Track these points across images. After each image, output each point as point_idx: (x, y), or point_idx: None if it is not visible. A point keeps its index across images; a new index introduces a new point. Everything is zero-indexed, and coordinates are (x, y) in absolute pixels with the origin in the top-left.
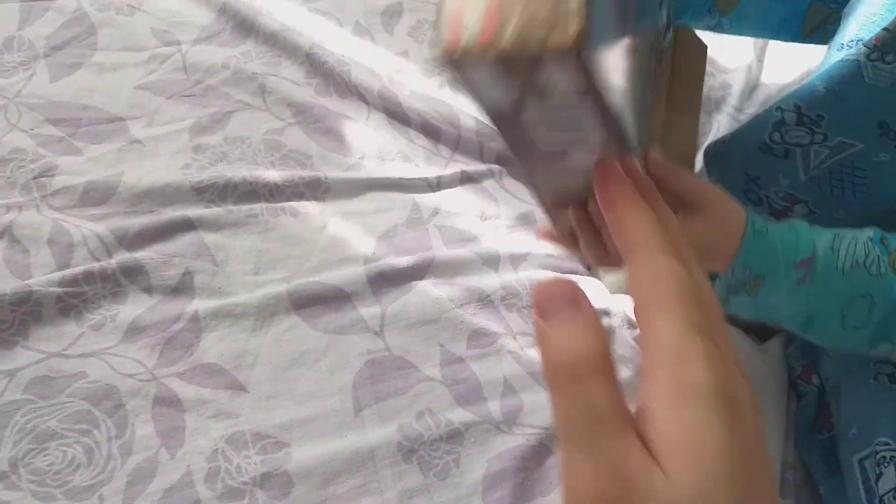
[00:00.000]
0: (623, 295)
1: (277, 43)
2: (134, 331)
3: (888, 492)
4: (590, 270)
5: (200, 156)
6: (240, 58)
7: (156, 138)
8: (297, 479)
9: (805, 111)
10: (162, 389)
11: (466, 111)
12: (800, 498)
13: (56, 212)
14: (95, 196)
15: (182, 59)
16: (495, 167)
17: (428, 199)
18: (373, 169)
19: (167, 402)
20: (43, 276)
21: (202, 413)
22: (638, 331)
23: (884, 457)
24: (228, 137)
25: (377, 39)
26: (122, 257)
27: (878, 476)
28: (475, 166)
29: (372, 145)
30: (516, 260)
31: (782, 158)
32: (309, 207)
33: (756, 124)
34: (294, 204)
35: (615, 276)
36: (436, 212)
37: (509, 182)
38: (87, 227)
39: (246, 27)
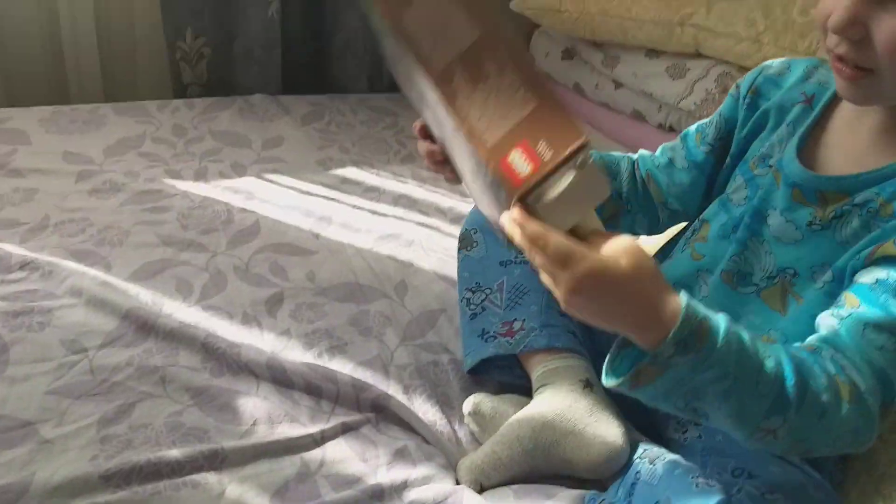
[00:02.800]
0: None
1: (176, 337)
2: None
3: None
4: None
5: (107, 446)
6: (142, 355)
7: (65, 436)
8: None
9: None
10: None
11: (342, 370)
12: None
13: None
14: (8, 498)
15: (89, 364)
16: (370, 415)
17: (315, 454)
18: (264, 433)
19: None
20: None
21: None
22: None
23: None
24: (133, 425)
25: (263, 324)
26: None
27: None
28: (353, 416)
29: (262, 412)
30: (398, 488)
31: None
32: (208, 478)
33: None
34: (195, 476)
35: None
36: (322, 463)
37: (384, 425)
38: None
39: (147, 328)
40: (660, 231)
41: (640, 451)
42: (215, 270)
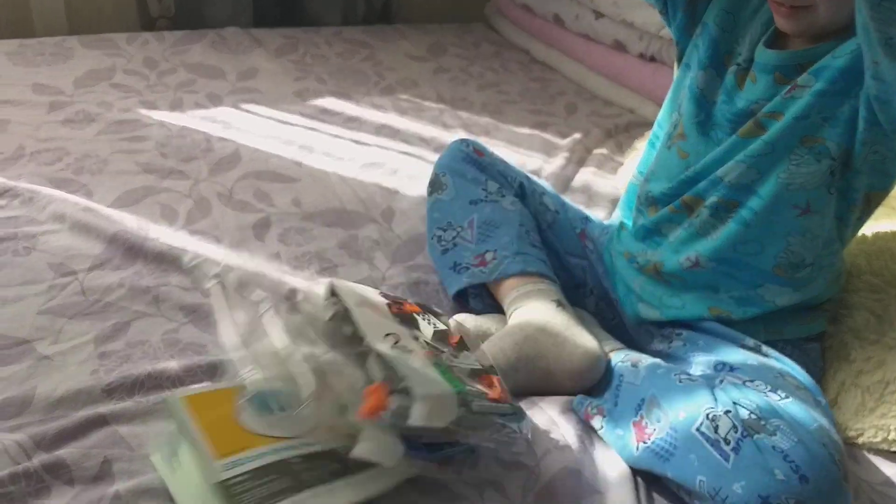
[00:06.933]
0: None
1: (166, 259)
2: None
3: None
4: None
5: (106, 361)
6: (133, 277)
7: (63, 353)
8: None
9: None
10: None
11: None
12: None
13: None
14: (12, 410)
15: (80, 285)
16: None
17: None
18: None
19: None
20: None
21: None
22: None
23: None
24: (130, 342)
25: (252, 248)
26: (42, 458)
27: None
28: None
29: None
30: None
31: None
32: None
33: None
34: (196, 387)
35: None
36: None
37: None
38: (6, 437)
39: (135, 251)
40: None
41: (621, 356)
42: (199, 197)
